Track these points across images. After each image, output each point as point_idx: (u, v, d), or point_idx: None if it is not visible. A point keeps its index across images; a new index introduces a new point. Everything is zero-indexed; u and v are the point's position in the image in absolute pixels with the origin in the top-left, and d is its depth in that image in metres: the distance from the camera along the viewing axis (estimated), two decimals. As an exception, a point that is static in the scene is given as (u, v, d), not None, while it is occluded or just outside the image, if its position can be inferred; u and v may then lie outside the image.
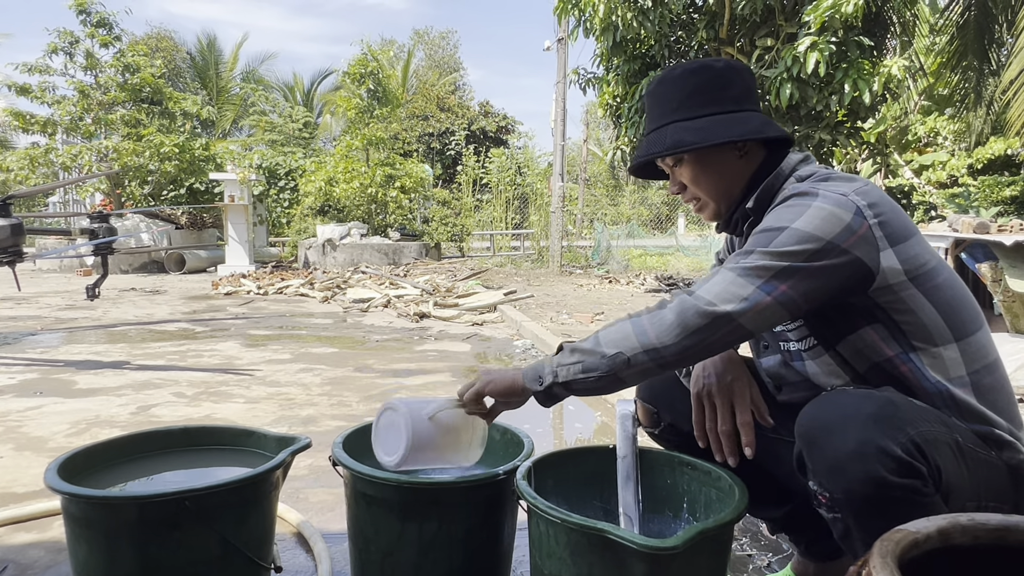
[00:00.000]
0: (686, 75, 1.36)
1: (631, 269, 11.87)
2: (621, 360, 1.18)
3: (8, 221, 4.56)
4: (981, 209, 12.07)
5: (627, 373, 1.20)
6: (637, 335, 1.19)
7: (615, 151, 7.87)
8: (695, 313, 1.15)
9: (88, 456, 1.55)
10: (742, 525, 2.00)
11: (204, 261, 12.25)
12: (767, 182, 1.33)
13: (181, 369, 4.23)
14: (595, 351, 1.21)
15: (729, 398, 1.42)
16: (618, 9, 6.18)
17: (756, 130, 1.32)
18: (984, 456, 1.16)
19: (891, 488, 1.03)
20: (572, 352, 1.24)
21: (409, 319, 6.50)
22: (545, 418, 3.34)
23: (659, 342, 1.16)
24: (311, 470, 2.49)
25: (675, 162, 1.38)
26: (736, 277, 1.16)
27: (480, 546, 1.51)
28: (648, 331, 1.18)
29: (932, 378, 1.20)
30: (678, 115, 1.35)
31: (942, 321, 1.20)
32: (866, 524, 1.06)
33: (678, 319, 1.16)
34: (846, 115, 6.54)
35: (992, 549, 0.77)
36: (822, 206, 1.17)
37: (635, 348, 1.18)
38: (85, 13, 12.83)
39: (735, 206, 1.38)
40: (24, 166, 12.57)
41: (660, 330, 1.17)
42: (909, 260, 1.18)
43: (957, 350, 1.21)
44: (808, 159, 1.36)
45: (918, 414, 1.11)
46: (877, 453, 1.04)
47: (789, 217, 1.18)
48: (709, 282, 1.19)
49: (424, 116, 22.71)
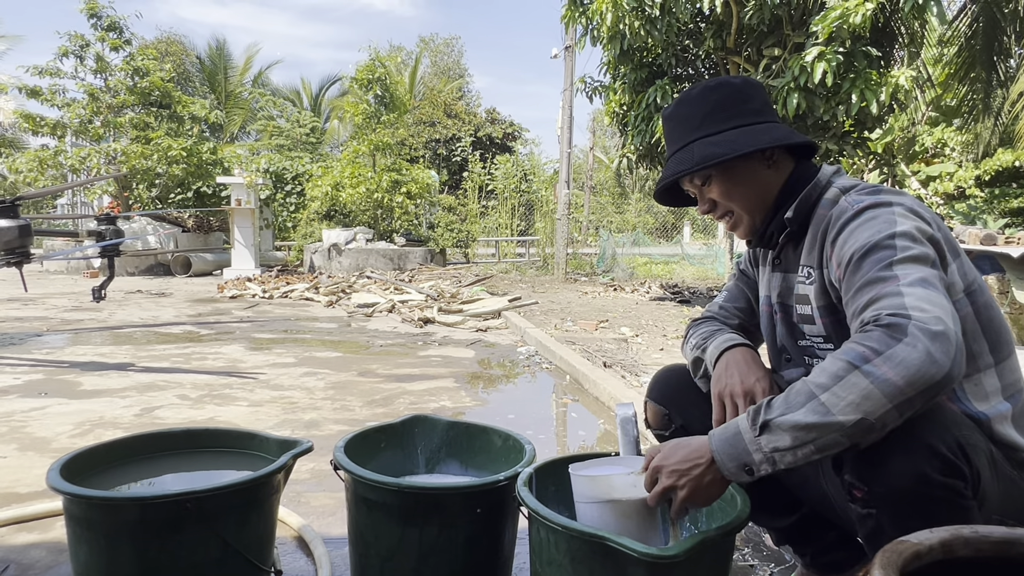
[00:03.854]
0: (706, 92, 1.37)
1: (636, 277, 11.85)
2: (865, 426, 0.97)
3: (16, 222, 4.58)
4: (988, 221, 12.02)
5: (868, 438, 1.00)
6: (880, 387, 0.96)
7: (621, 159, 7.89)
8: (929, 336, 0.97)
9: (91, 457, 1.55)
10: (745, 535, 1.99)
11: (210, 264, 12.29)
12: (805, 192, 1.32)
13: (185, 371, 4.24)
14: (830, 423, 0.98)
15: (752, 399, 1.41)
16: (626, 18, 6.19)
17: (783, 137, 1.32)
18: (1010, 474, 1.15)
19: (934, 487, 1.01)
20: (790, 430, 1.01)
21: (413, 324, 6.50)
22: (547, 424, 3.34)
23: (909, 386, 0.95)
24: (313, 474, 2.49)
25: (703, 180, 1.37)
26: (925, 291, 1.03)
27: (480, 552, 1.50)
28: (891, 377, 0.96)
29: (974, 408, 1.17)
30: (702, 131, 1.35)
31: (986, 344, 1.18)
32: (903, 522, 1.01)
33: (926, 350, 0.96)
34: (853, 125, 6.54)
35: (995, 562, 0.77)
36: (904, 213, 1.16)
37: (882, 405, 0.96)
38: (96, 17, 12.95)
39: (770, 219, 1.37)
40: (33, 168, 12.66)
41: (906, 369, 0.96)
42: (965, 275, 1.18)
43: (995, 375, 1.19)
44: (840, 171, 1.36)
45: (959, 419, 1.10)
46: (924, 449, 1.02)
47: (881, 227, 1.14)
48: (906, 297, 1.02)
49: (431, 122, 22.79)
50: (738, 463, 1.06)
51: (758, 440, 1.04)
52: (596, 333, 5.79)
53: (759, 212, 1.37)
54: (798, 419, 1.00)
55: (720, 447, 1.08)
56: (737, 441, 1.06)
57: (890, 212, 1.16)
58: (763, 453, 1.03)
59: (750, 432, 1.05)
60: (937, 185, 13.92)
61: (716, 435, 1.10)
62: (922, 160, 14.90)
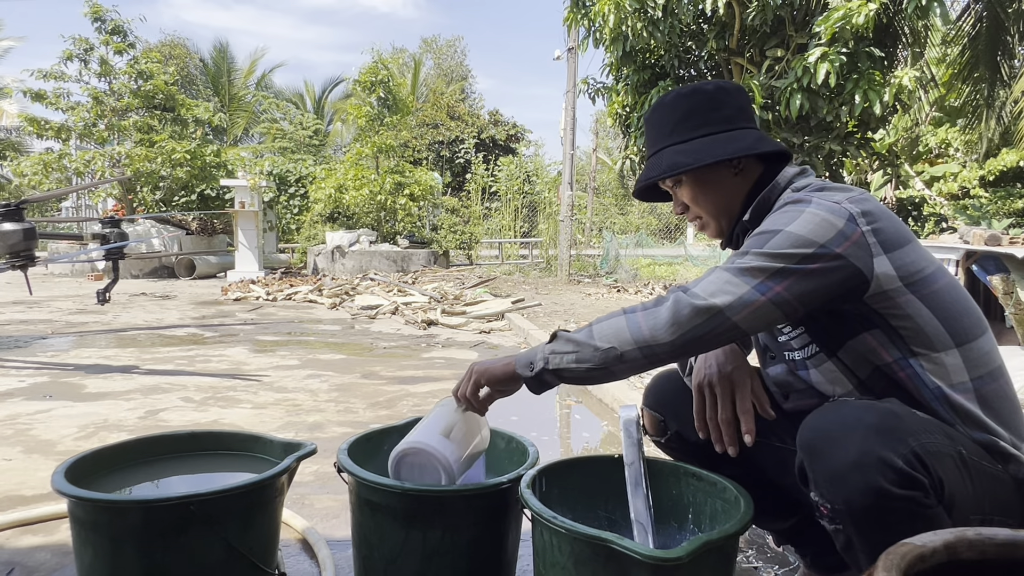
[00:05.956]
0: (678, 100, 1.40)
1: (640, 278, 11.84)
2: (614, 355, 1.20)
3: (21, 225, 4.60)
4: (993, 221, 11.99)
5: (619, 367, 1.22)
6: (631, 330, 1.20)
7: (624, 160, 7.89)
8: (689, 309, 1.16)
9: (96, 460, 1.56)
10: (748, 537, 1.98)
11: (214, 267, 12.32)
12: (763, 195, 1.35)
13: (189, 374, 4.25)
14: (588, 343, 1.22)
15: (730, 387, 1.44)
16: (628, 19, 6.20)
17: (748, 147, 1.35)
18: (990, 469, 1.15)
19: (891, 499, 1.03)
20: (566, 341, 1.25)
21: (417, 326, 6.51)
22: (551, 427, 3.34)
23: (652, 338, 1.18)
24: (317, 476, 2.49)
25: (675, 184, 1.42)
26: (731, 276, 1.18)
27: (484, 555, 1.50)
28: (642, 326, 1.19)
29: (931, 383, 1.20)
30: (672, 139, 1.39)
31: (941, 327, 1.20)
32: (867, 535, 1.06)
33: (672, 315, 1.17)
34: (856, 126, 6.53)
35: (999, 564, 0.77)
36: (815, 212, 1.19)
37: (628, 343, 1.19)
38: (100, 21, 12.98)
39: (735, 222, 1.41)
40: (38, 171, 12.70)
41: (654, 325, 1.18)
42: (904, 267, 1.19)
43: (959, 356, 1.21)
44: (805, 172, 1.38)
45: (921, 426, 1.10)
46: (877, 464, 1.04)
47: (783, 221, 1.20)
48: (704, 280, 1.20)
49: (434, 124, 22.81)
50: (526, 361, 1.29)
51: (545, 345, 1.29)
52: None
53: (725, 217, 1.41)
54: (573, 336, 1.26)
55: (522, 352, 1.33)
56: (534, 348, 1.31)
57: (798, 211, 1.21)
58: (543, 355, 1.26)
59: (544, 342, 1.30)
60: (941, 185, 13.89)
61: (525, 350, 1.34)
62: (926, 160, 14.87)
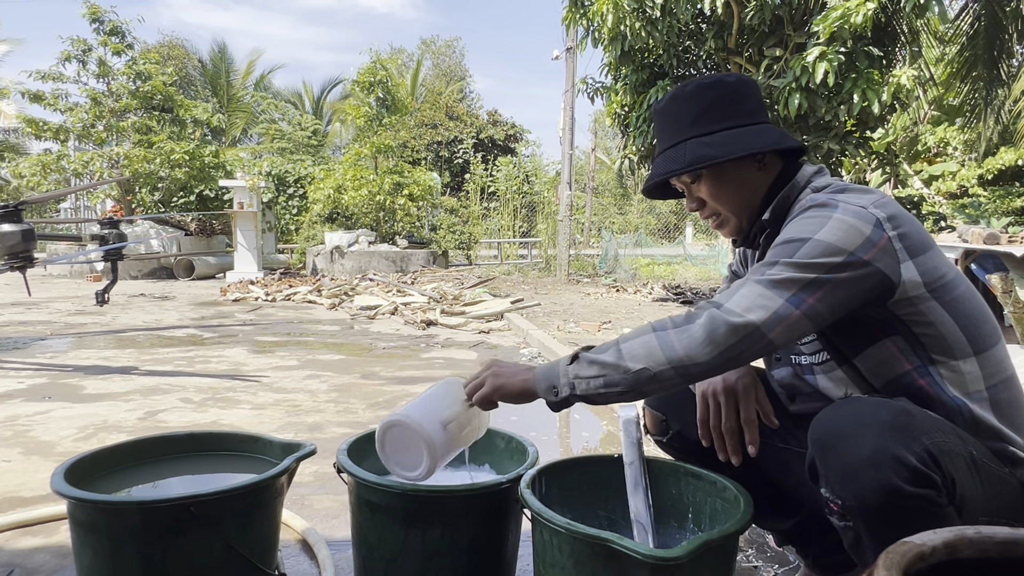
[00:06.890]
0: (701, 90, 1.36)
1: (639, 278, 11.85)
2: (646, 375, 1.15)
3: (19, 227, 4.60)
4: (991, 220, 12.00)
5: (651, 387, 1.17)
6: (664, 350, 1.14)
7: (623, 160, 7.88)
8: (726, 327, 1.12)
9: (95, 461, 1.55)
10: (748, 536, 1.98)
11: (213, 267, 12.31)
12: (783, 194, 1.32)
13: (189, 375, 4.24)
14: (618, 365, 1.16)
15: (735, 396, 1.42)
16: (626, 19, 6.19)
17: (775, 141, 1.32)
18: (998, 472, 1.15)
19: (904, 497, 1.02)
20: (591, 364, 1.19)
21: (416, 326, 6.50)
22: (550, 426, 3.34)
23: (687, 357, 1.13)
24: (316, 476, 2.49)
25: (693, 179, 1.37)
26: (764, 289, 1.14)
27: (483, 555, 1.50)
28: (675, 345, 1.14)
29: (951, 393, 1.19)
30: (695, 131, 1.34)
31: (961, 334, 1.19)
32: (877, 533, 1.05)
33: (707, 333, 1.12)
34: (855, 125, 6.52)
35: (999, 563, 0.77)
36: (843, 217, 1.16)
37: (661, 363, 1.14)
38: (99, 21, 12.98)
39: (754, 219, 1.37)
40: (36, 172, 12.69)
41: (689, 344, 1.13)
42: (928, 272, 1.18)
43: (976, 364, 1.20)
44: (822, 171, 1.35)
45: (934, 425, 1.10)
46: (891, 461, 1.03)
47: (811, 228, 1.16)
48: (736, 294, 1.15)
49: (433, 124, 22.79)
50: (548, 383, 1.23)
51: (568, 368, 1.21)
52: (599, 334, 5.78)
53: (745, 214, 1.37)
54: (599, 358, 1.19)
55: (541, 370, 1.26)
56: (554, 367, 1.24)
57: (825, 217, 1.17)
58: (567, 377, 1.21)
59: (565, 363, 1.23)
60: (940, 184, 13.90)
61: (543, 365, 1.28)
62: (924, 159, 14.88)
